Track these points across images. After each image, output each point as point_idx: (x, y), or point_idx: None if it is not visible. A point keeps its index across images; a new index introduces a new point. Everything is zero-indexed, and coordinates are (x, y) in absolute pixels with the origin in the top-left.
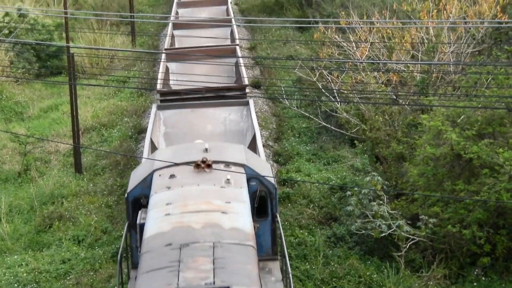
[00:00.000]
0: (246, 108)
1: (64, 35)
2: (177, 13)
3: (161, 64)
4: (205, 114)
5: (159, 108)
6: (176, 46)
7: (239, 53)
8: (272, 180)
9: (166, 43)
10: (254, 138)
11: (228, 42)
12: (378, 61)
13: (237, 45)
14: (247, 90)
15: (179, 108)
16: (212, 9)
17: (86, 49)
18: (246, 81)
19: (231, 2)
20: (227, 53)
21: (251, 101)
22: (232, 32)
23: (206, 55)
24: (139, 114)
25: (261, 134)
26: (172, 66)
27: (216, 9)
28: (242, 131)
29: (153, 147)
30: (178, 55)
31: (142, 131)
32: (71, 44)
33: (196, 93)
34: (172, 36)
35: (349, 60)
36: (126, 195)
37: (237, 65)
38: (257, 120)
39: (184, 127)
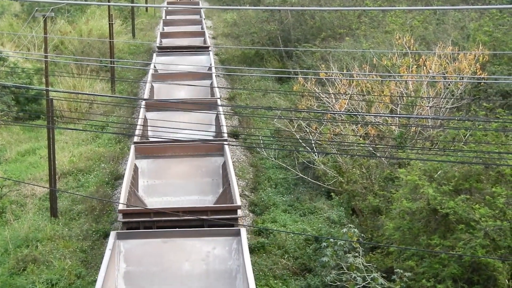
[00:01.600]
0: (236, 240)
1: (43, 79)
2: (152, 87)
3: (128, 164)
4: (181, 246)
5: (120, 237)
6: (149, 134)
7: (228, 153)
8: None
9: (137, 132)
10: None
11: (213, 131)
12: (357, 113)
13: (225, 140)
14: (239, 213)
15: (147, 238)
16: (195, 84)
17: (65, 94)
18: (238, 200)
19: (216, 75)
20: (212, 151)
21: (243, 232)
22: (218, 117)
23: (185, 153)
24: (116, 161)
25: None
26: (143, 164)
27: (199, 83)
28: (231, 272)
29: None
30: (150, 149)
31: (119, 177)
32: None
33: (171, 215)
34: (145, 120)
35: (327, 111)
36: None
37: (224, 168)
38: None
39: (153, 265)
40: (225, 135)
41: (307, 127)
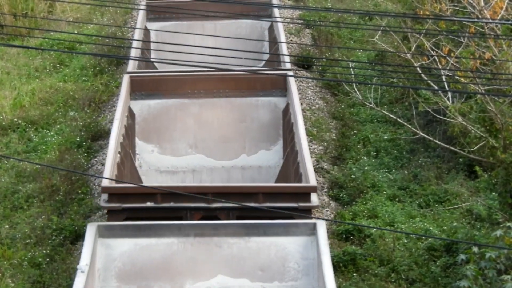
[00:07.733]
0: (310, 240)
1: None
2: None
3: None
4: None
5: (103, 233)
6: (152, 56)
7: (293, 90)
8: None
9: (133, 53)
10: None
11: (264, 54)
12: None
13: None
14: (313, 200)
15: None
16: None
17: None
18: (313, 177)
19: None
20: (267, 88)
21: (321, 227)
22: (272, 28)
23: None
24: (95, 106)
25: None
26: (141, 106)
27: None
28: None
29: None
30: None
31: (99, 135)
32: None
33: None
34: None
35: (471, 20)
36: None
37: (287, 115)
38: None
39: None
40: (288, 64)
41: (433, 49)
